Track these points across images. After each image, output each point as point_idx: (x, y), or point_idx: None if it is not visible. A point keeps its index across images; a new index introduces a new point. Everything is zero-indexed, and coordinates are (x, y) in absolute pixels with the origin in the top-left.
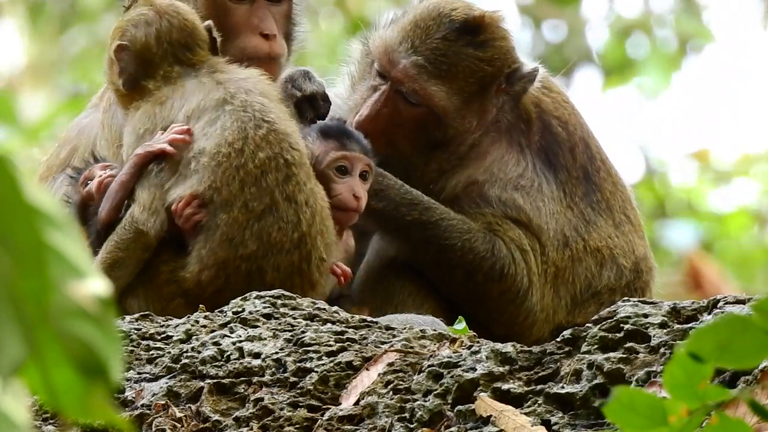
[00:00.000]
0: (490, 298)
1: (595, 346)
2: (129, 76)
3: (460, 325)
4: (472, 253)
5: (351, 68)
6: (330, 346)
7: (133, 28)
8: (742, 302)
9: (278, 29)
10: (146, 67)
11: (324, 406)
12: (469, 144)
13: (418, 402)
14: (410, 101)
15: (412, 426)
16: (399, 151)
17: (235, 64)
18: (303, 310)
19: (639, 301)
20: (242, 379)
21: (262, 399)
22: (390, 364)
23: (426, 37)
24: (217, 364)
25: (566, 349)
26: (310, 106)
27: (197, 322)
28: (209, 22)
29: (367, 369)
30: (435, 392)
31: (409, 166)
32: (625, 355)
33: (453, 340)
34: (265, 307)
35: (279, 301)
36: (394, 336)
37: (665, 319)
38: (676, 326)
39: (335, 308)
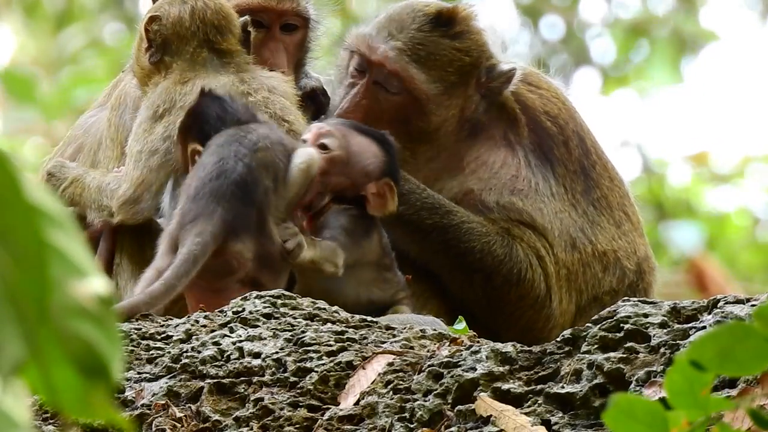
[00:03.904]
0: (508, 302)
1: (595, 346)
2: (156, 49)
3: (460, 325)
4: (491, 256)
5: (335, 73)
6: (330, 345)
7: (167, 5)
8: (742, 302)
9: (288, 59)
10: (176, 41)
11: (324, 406)
12: (453, 140)
13: (418, 402)
14: (390, 90)
15: (412, 426)
16: None
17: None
18: (303, 309)
19: (639, 300)
20: (242, 379)
21: (262, 399)
22: (390, 364)
23: (402, 28)
24: (217, 363)
25: (566, 348)
26: (310, 101)
27: (197, 321)
28: (246, 17)
29: (363, 368)
30: (435, 392)
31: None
32: (625, 355)
33: (453, 340)
34: (265, 307)
35: (279, 301)
36: (394, 336)
37: (665, 318)
38: (676, 326)
39: (335, 308)
